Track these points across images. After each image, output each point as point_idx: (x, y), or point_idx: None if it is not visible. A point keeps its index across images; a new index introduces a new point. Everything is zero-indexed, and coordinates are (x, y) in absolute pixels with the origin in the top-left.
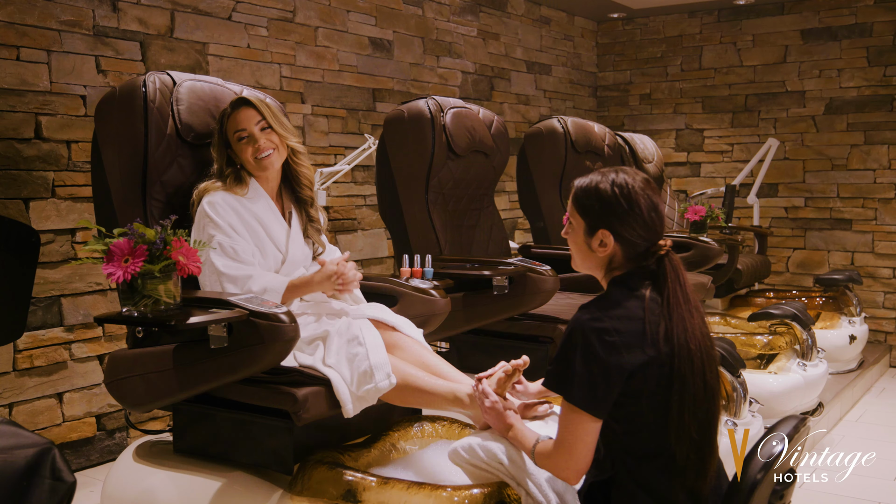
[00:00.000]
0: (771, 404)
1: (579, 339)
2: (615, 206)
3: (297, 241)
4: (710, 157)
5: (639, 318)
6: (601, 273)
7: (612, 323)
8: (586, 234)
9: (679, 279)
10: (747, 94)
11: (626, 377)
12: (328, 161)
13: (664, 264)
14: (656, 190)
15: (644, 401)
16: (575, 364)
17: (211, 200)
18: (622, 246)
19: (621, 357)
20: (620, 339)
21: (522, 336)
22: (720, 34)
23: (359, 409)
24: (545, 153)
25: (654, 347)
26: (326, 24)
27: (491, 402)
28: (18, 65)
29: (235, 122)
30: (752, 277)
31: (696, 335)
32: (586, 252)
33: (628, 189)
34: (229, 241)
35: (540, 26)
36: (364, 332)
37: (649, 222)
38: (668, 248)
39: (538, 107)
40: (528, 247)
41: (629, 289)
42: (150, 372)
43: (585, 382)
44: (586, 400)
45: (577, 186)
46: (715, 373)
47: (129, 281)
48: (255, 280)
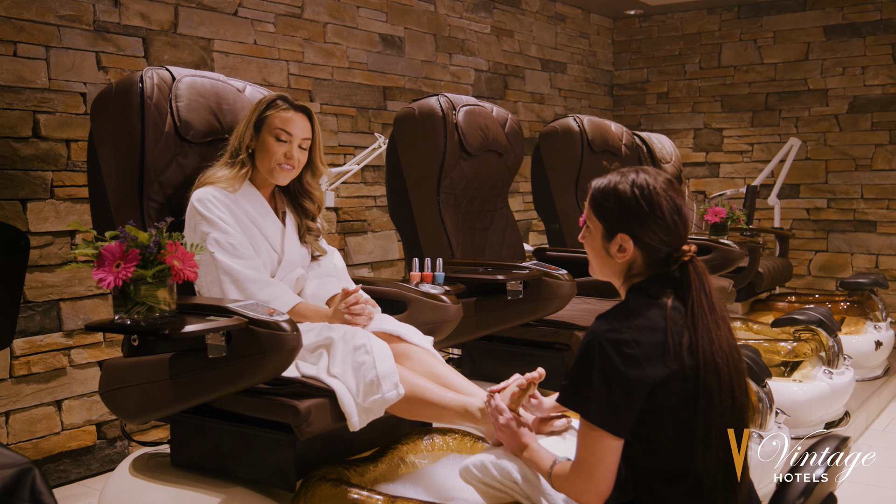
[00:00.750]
0: (797, 414)
1: (596, 351)
2: (635, 208)
3: (293, 242)
4: (730, 158)
5: (660, 328)
6: (620, 280)
7: (632, 334)
8: (604, 238)
9: (704, 287)
10: (768, 92)
11: (647, 392)
12: (337, 161)
13: (688, 271)
14: (680, 191)
15: (666, 418)
16: (592, 379)
17: (200, 197)
18: (642, 251)
19: (642, 370)
20: (641, 351)
21: (537, 343)
22: (740, 31)
23: (365, 421)
24: (561, 153)
25: (678, 360)
26: (336, 20)
27: (505, 420)
28: (15, 61)
29: (286, 122)
30: (773, 281)
31: (723, 347)
32: (604, 258)
33: (649, 190)
34: (225, 237)
35: (555, 23)
36: (371, 339)
37: (672, 226)
38: (692, 254)
39: (553, 106)
40: (543, 249)
41: (650, 297)
42: (145, 382)
43: (604, 398)
44: (605, 417)
45: (595, 187)
46: (743, 388)
47: (121, 287)
48: (261, 287)
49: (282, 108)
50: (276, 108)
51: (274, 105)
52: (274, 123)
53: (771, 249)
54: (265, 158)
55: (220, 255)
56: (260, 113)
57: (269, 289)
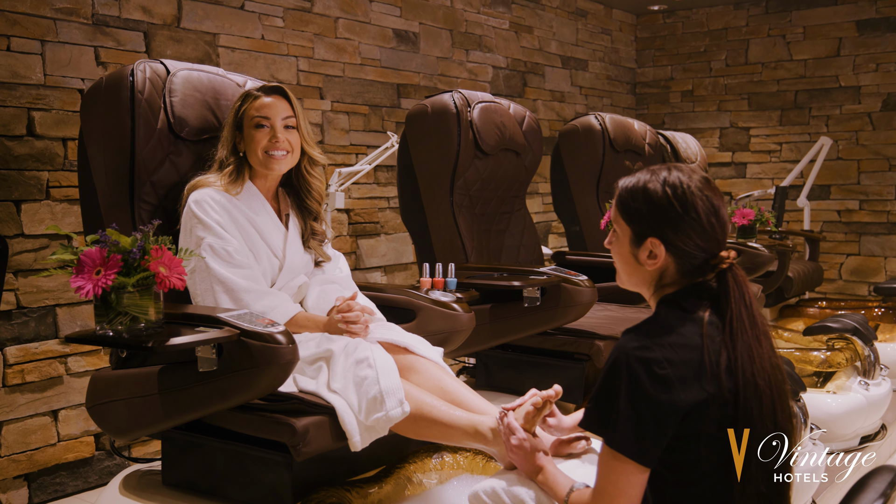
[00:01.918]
0: (831, 428)
1: (623, 371)
2: (667, 210)
3: (296, 247)
4: (757, 158)
5: (696, 346)
6: (650, 290)
7: (664, 352)
8: (632, 243)
9: (744, 299)
10: (797, 89)
11: (680, 418)
12: (348, 161)
13: (726, 280)
14: (717, 191)
15: (702, 446)
16: (619, 402)
17: (198, 199)
18: (675, 258)
19: (675, 394)
20: (673, 371)
21: (556, 353)
22: (768, 26)
23: (368, 441)
24: (581, 152)
25: (715, 383)
26: (347, 15)
27: (518, 440)
28: (9, 56)
29: (260, 108)
30: (802, 286)
31: (765, 367)
32: (633, 265)
33: (683, 189)
34: (221, 243)
35: (576, 19)
36: (374, 352)
37: (708, 229)
38: (731, 261)
39: (573, 104)
40: (562, 253)
41: (684, 310)
42: (133, 396)
43: (631, 424)
44: (632, 445)
45: (622, 187)
46: (787, 412)
47: (102, 296)
48: (256, 297)
49: (254, 97)
50: (249, 99)
51: (247, 98)
52: (250, 114)
53: (800, 253)
54: (252, 152)
55: (214, 262)
56: (236, 112)
57: (266, 299)
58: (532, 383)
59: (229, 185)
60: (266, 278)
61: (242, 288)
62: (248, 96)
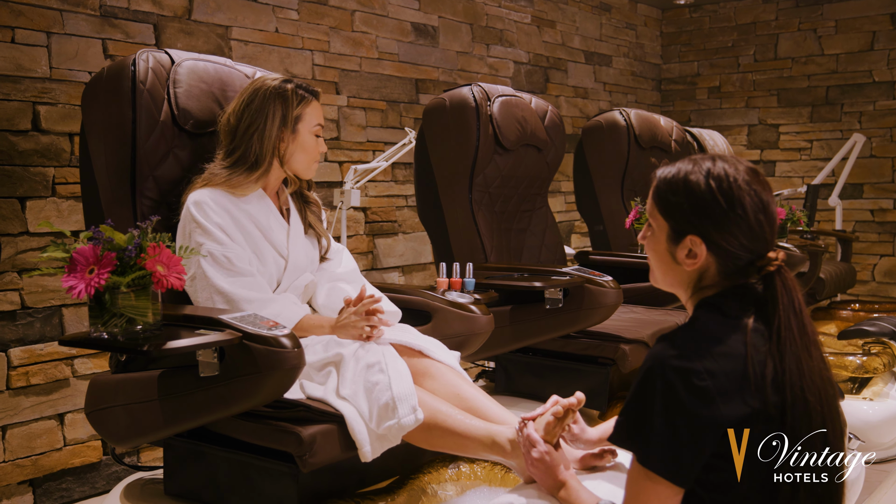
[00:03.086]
0: (867, 436)
1: (659, 382)
2: (710, 204)
3: (299, 242)
4: (787, 156)
5: (739, 355)
6: (687, 292)
7: (704, 362)
8: (670, 240)
9: (794, 305)
10: (829, 85)
11: (720, 434)
12: (365, 158)
13: (774, 284)
14: (766, 185)
15: (744, 466)
16: (653, 416)
17: (197, 200)
18: (717, 258)
19: (715, 408)
20: (714, 383)
21: (579, 357)
22: (798, 20)
23: (379, 451)
24: (605, 149)
25: (760, 397)
26: (364, 8)
27: (538, 453)
28: (13, 48)
29: (318, 115)
30: (834, 287)
31: (815, 381)
32: (669, 264)
33: (729, 182)
34: (221, 250)
35: (600, 13)
36: (386, 356)
37: (756, 227)
38: (780, 263)
39: (597, 100)
40: (585, 253)
41: (725, 315)
42: (133, 402)
43: (666, 441)
44: (667, 464)
45: (661, 178)
46: (839, 431)
47: (95, 296)
48: (259, 307)
49: (311, 100)
50: (304, 101)
51: (301, 98)
52: (312, 120)
53: (832, 253)
54: (302, 157)
55: (214, 271)
56: (293, 109)
57: (269, 308)
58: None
59: (246, 185)
60: (272, 279)
61: (244, 298)
62: (296, 96)
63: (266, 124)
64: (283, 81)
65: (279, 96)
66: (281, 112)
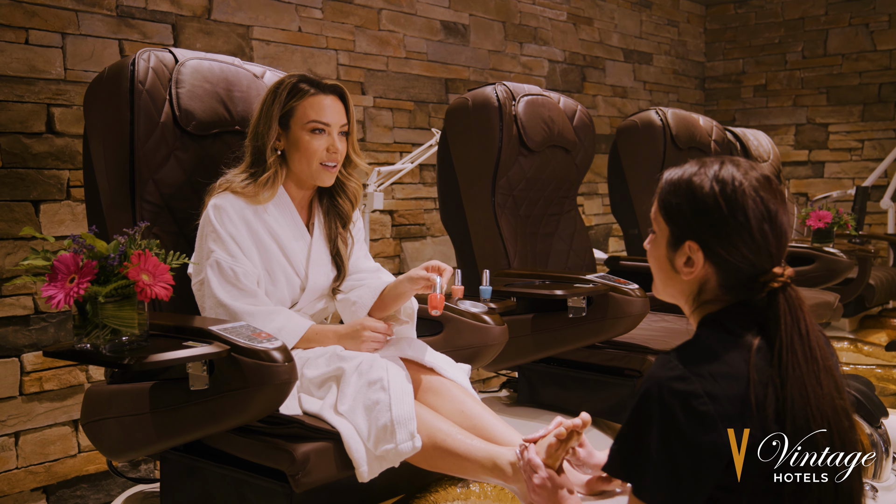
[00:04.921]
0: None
1: (656, 406)
2: (711, 209)
3: (320, 262)
4: (836, 156)
5: (742, 377)
6: (688, 305)
7: (705, 384)
8: (670, 246)
9: (798, 326)
10: (881, 82)
11: (724, 463)
12: (392, 160)
13: (777, 302)
14: (778, 193)
15: (744, 498)
16: (649, 443)
17: (218, 204)
18: (716, 269)
19: (717, 434)
20: (716, 408)
21: (604, 368)
22: (849, 15)
23: (377, 471)
24: (641, 149)
25: (761, 424)
26: (391, 6)
27: (540, 479)
28: (27, 49)
29: (319, 109)
30: (885, 294)
31: (825, 412)
32: (668, 272)
33: (733, 187)
34: (230, 262)
35: (640, 10)
36: (390, 373)
37: (759, 238)
38: (785, 280)
39: (637, 100)
40: (616, 258)
41: (728, 332)
42: (125, 415)
43: (664, 470)
44: (665, 496)
45: (666, 179)
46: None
47: (78, 306)
48: (263, 321)
49: (310, 94)
50: (302, 94)
51: (297, 91)
52: (306, 115)
53: (883, 258)
54: (303, 160)
55: (217, 283)
56: (283, 104)
57: (273, 319)
58: (578, 400)
59: (259, 192)
60: (285, 301)
61: (246, 311)
62: (298, 89)
63: (257, 118)
64: (292, 76)
65: (275, 90)
66: (274, 107)
